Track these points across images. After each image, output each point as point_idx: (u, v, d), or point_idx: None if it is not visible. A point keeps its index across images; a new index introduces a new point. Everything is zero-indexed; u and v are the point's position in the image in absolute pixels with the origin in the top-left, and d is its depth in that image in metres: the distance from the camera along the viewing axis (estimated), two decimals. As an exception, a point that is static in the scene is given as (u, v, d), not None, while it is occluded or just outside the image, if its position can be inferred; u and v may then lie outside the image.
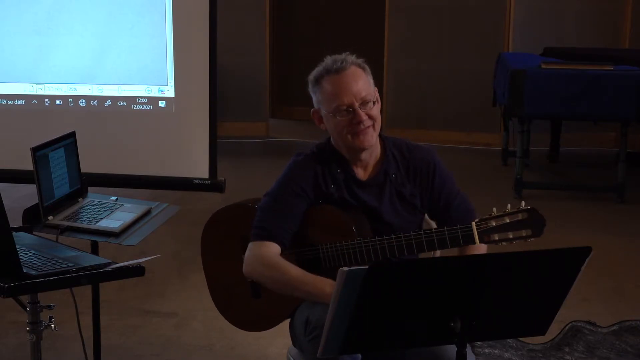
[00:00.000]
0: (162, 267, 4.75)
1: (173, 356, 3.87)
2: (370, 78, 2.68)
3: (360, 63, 2.68)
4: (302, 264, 2.67)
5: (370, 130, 2.65)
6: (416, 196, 2.73)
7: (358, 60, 2.68)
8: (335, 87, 2.64)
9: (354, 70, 2.65)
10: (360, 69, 2.66)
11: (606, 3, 7.84)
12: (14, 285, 2.43)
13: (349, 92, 2.62)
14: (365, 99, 2.63)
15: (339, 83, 2.63)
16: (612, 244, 5.30)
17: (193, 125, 3.83)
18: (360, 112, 2.63)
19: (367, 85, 2.66)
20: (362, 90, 2.63)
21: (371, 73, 2.70)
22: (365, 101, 2.63)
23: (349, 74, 2.64)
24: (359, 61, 2.68)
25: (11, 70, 3.96)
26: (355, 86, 2.63)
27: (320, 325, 2.46)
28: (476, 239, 2.51)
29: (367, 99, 2.64)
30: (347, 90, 2.62)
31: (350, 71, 2.64)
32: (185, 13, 3.79)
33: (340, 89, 2.63)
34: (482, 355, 3.74)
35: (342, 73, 2.63)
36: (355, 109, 2.62)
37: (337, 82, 2.64)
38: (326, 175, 2.70)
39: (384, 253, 2.58)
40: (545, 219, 2.50)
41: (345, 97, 2.62)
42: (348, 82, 2.63)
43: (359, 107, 2.63)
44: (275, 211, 2.67)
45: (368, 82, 2.67)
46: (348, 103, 2.63)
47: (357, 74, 2.65)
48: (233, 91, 7.98)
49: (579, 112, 6.12)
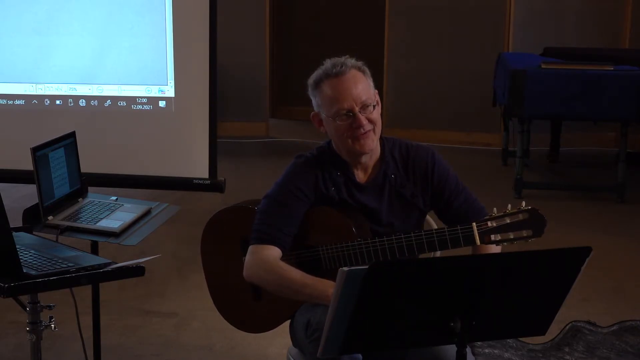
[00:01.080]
0: (162, 267, 4.75)
1: (173, 356, 3.87)
2: (370, 81, 2.67)
3: (360, 66, 2.66)
4: (302, 265, 2.67)
5: (370, 134, 2.64)
6: (417, 196, 2.72)
7: (358, 64, 2.67)
8: (335, 91, 2.62)
9: (354, 74, 2.63)
10: (360, 72, 2.65)
11: (606, 3, 7.84)
12: (14, 285, 2.43)
13: (349, 97, 2.61)
14: (365, 103, 2.62)
15: (339, 87, 2.62)
16: (612, 244, 5.30)
17: (193, 125, 3.83)
18: (361, 117, 2.61)
19: (367, 89, 2.64)
20: (362, 94, 2.62)
21: (371, 74, 2.69)
22: (365, 105, 2.62)
23: (349, 77, 2.62)
24: (359, 64, 2.67)
25: (11, 70, 3.96)
26: (355, 90, 2.62)
27: (322, 327, 2.45)
28: (477, 240, 2.51)
29: (367, 102, 2.63)
30: (347, 94, 2.61)
31: (350, 75, 2.62)
32: (185, 13, 3.79)
33: (340, 93, 2.62)
34: (482, 355, 3.73)
35: (341, 77, 2.62)
36: (356, 114, 2.61)
37: (337, 86, 2.62)
38: (326, 178, 2.70)
39: (384, 254, 2.58)
40: (546, 219, 2.50)
41: (345, 101, 2.61)
42: (348, 86, 2.62)
43: (359, 112, 2.61)
44: (276, 214, 2.66)
45: (368, 85, 2.65)
46: (348, 107, 2.61)
47: (357, 78, 2.63)
48: (233, 91, 7.98)
49: (579, 112, 6.12)
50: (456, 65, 7.92)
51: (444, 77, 7.98)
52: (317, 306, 2.55)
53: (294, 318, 2.71)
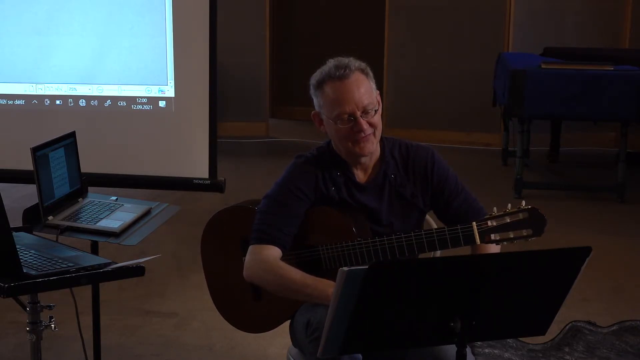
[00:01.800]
0: (162, 267, 4.75)
1: (173, 356, 3.87)
2: (372, 83, 2.66)
3: (363, 68, 2.64)
4: (302, 265, 2.67)
5: (370, 137, 2.63)
6: (417, 196, 2.72)
7: (362, 65, 2.65)
8: (337, 94, 2.61)
9: (357, 77, 2.61)
10: (363, 74, 2.63)
11: (606, 3, 7.84)
12: (14, 285, 2.43)
13: (351, 101, 2.59)
14: (367, 108, 2.61)
15: (342, 90, 2.60)
16: (612, 244, 5.30)
17: (193, 125, 3.83)
18: (362, 122, 2.60)
19: (370, 92, 2.63)
20: (365, 99, 2.60)
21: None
22: (366, 110, 2.61)
23: (352, 81, 2.60)
24: (363, 66, 2.65)
25: (11, 70, 3.96)
26: (357, 94, 2.60)
27: (322, 327, 2.45)
28: (477, 239, 2.50)
29: (369, 107, 2.61)
30: (349, 98, 2.59)
31: (354, 78, 2.60)
32: (185, 13, 3.79)
33: (343, 96, 2.60)
34: (482, 355, 3.73)
35: (345, 80, 2.60)
36: (357, 118, 2.60)
37: (339, 89, 2.60)
38: (326, 178, 2.70)
39: (384, 253, 2.58)
40: (546, 219, 2.50)
41: (347, 105, 2.59)
42: (350, 90, 2.60)
43: (360, 116, 2.60)
44: (276, 214, 2.66)
45: (370, 88, 2.64)
46: (350, 112, 2.60)
47: (360, 81, 2.61)
48: (233, 91, 7.97)
49: (579, 112, 6.11)
50: (456, 65, 7.92)
51: (444, 77, 7.97)
52: (317, 306, 2.55)
53: (294, 318, 2.71)
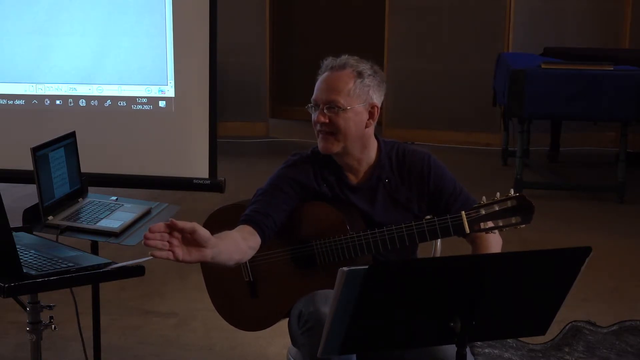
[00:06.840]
0: (162, 267, 4.74)
1: (173, 356, 3.87)
2: (366, 89, 2.63)
3: (360, 71, 2.62)
4: (296, 261, 2.68)
5: (328, 137, 2.63)
6: (412, 201, 2.70)
7: (359, 67, 2.63)
8: (319, 82, 2.66)
9: (343, 74, 2.62)
10: (353, 75, 2.62)
11: (606, 3, 7.84)
12: (14, 285, 2.44)
13: (322, 90, 2.63)
14: (332, 103, 2.60)
15: (322, 80, 2.65)
16: (612, 244, 5.30)
17: (193, 125, 3.83)
18: (318, 114, 2.62)
19: (347, 93, 2.60)
20: (335, 94, 2.60)
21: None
22: (331, 106, 2.61)
23: (335, 75, 2.62)
24: (360, 69, 2.63)
25: (11, 70, 3.95)
26: (330, 86, 2.61)
27: (313, 318, 2.47)
28: (466, 228, 2.49)
29: (334, 104, 2.60)
30: (322, 88, 2.63)
31: (339, 74, 2.62)
32: (185, 13, 3.79)
33: (319, 85, 2.65)
34: (482, 355, 3.73)
35: (330, 72, 2.63)
36: (318, 109, 2.62)
37: (322, 78, 2.65)
38: (318, 175, 2.71)
39: (376, 246, 2.57)
40: (534, 206, 2.48)
41: (317, 93, 2.64)
42: (328, 82, 2.63)
43: (321, 108, 2.62)
44: (260, 201, 2.66)
45: (353, 90, 2.61)
46: (315, 99, 2.64)
47: (344, 79, 2.61)
48: (233, 91, 7.98)
49: (579, 112, 6.12)
50: (456, 65, 7.92)
51: (444, 77, 7.98)
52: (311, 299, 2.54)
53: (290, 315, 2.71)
